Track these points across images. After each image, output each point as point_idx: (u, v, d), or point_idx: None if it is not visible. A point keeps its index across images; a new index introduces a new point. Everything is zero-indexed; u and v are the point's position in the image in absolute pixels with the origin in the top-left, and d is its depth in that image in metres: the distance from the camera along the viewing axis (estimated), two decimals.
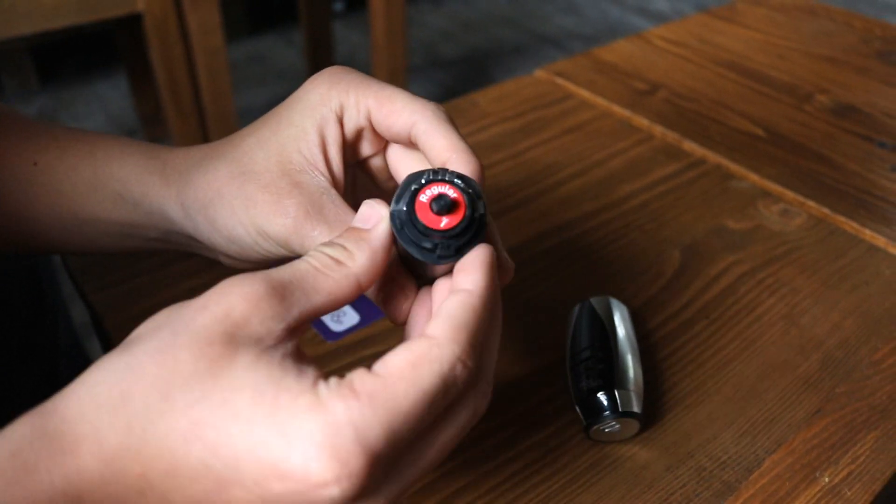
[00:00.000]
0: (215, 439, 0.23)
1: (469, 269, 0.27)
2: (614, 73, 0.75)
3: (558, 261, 0.51)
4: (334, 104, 0.33)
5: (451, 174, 0.28)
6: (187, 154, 0.36)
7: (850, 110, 0.69)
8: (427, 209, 0.27)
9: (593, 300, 0.43)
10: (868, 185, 0.59)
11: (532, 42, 2.60)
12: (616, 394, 0.37)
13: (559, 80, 0.73)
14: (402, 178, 0.33)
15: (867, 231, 0.54)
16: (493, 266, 0.28)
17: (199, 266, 0.49)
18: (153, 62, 1.37)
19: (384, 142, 0.34)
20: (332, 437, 0.22)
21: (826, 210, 0.56)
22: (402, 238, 0.28)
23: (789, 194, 0.58)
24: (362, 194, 0.36)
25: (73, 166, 0.37)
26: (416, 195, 0.28)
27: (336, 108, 0.33)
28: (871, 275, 0.50)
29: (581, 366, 0.39)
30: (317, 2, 1.93)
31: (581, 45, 2.54)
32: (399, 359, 0.24)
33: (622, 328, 0.41)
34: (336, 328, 0.45)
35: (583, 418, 0.38)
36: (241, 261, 0.36)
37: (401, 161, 0.34)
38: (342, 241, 0.28)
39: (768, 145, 0.64)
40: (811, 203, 0.57)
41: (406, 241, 0.28)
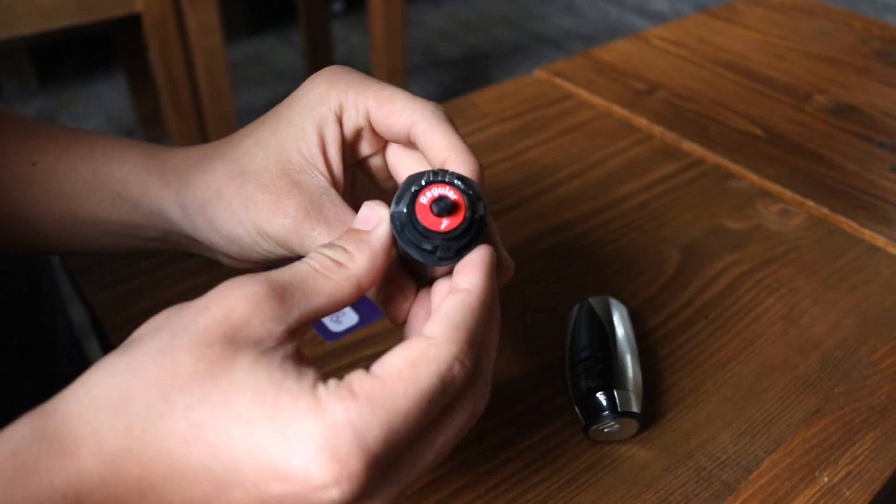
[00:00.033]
0: (215, 441, 0.23)
1: (468, 270, 0.27)
2: (613, 73, 0.75)
3: (557, 261, 0.51)
4: (333, 104, 0.33)
5: (452, 175, 0.28)
6: (186, 154, 0.36)
7: (849, 110, 0.69)
8: (427, 211, 0.27)
9: (592, 300, 0.43)
10: (867, 184, 0.59)
11: (531, 42, 2.60)
12: (615, 394, 0.37)
13: (558, 81, 0.73)
14: (401, 178, 0.33)
15: (866, 231, 0.54)
16: (492, 266, 0.28)
17: (198, 266, 0.49)
18: (152, 62, 1.37)
19: (383, 141, 0.34)
20: (331, 438, 0.22)
21: (825, 210, 0.56)
22: (402, 240, 0.28)
23: (788, 194, 0.58)
24: (362, 194, 0.37)
25: (72, 166, 0.37)
26: (416, 197, 0.28)
27: (335, 108, 0.33)
28: (870, 275, 0.50)
29: (580, 366, 0.39)
30: (316, 2, 1.93)
31: (580, 46, 2.54)
32: (397, 359, 0.24)
33: (621, 328, 0.41)
34: (335, 328, 0.45)
35: (582, 418, 0.38)
36: (241, 261, 0.36)
37: (401, 161, 0.34)
38: (342, 243, 0.28)
39: (767, 145, 0.64)
40: (810, 203, 0.57)
41: (406, 242, 0.28)
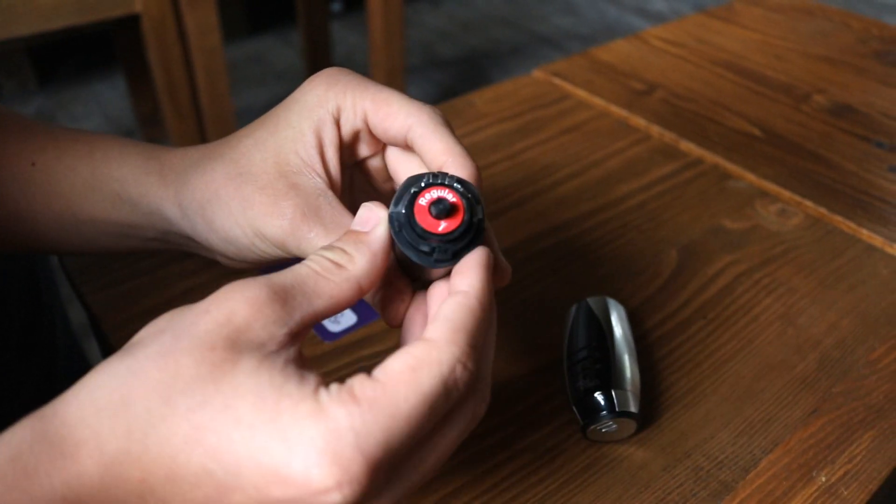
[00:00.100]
0: (216, 444, 0.23)
1: (466, 272, 0.27)
2: (612, 73, 0.75)
3: (555, 261, 0.51)
4: (331, 106, 0.33)
5: (451, 178, 0.28)
6: (185, 154, 0.36)
7: (848, 110, 0.69)
8: (426, 213, 0.27)
9: (590, 300, 0.43)
10: (865, 184, 0.59)
11: (530, 42, 2.60)
12: (613, 394, 0.37)
13: (556, 81, 0.73)
14: (400, 180, 0.33)
15: (864, 231, 0.54)
16: (490, 268, 0.28)
17: (197, 266, 0.49)
18: (151, 63, 1.37)
19: (381, 144, 0.34)
20: (333, 443, 0.22)
21: (823, 210, 0.56)
22: (400, 241, 0.28)
23: (786, 194, 0.58)
24: (360, 196, 0.37)
25: (71, 166, 0.37)
26: (415, 198, 0.28)
27: (333, 110, 0.33)
28: (869, 274, 0.50)
29: (578, 366, 0.39)
30: (315, 2, 1.93)
31: (579, 46, 2.54)
32: (399, 363, 0.24)
33: (619, 328, 0.41)
34: (333, 328, 0.45)
35: (580, 418, 0.38)
36: (239, 261, 0.36)
37: (400, 163, 0.34)
38: (342, 245, 0.28)
39: (765, 145, 0.64)
40: (808, 203, 0.57)
41: (403, 243, 0.28)
